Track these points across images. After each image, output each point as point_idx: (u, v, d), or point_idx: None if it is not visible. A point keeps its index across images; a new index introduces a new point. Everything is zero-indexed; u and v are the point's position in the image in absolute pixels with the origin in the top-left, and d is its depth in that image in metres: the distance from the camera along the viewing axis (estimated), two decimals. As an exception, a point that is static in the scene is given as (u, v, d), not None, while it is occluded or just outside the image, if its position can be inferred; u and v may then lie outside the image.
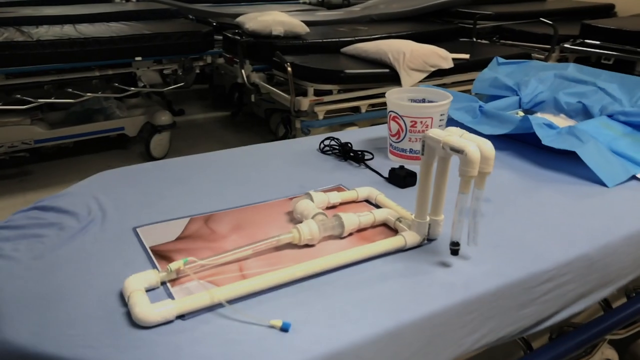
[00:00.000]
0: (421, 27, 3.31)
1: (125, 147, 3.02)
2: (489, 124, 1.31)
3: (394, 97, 1.18)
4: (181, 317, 0.68)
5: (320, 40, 2.89)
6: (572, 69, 1.51)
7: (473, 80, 2.83)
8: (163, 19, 3.21)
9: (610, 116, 1.26)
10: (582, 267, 0.86)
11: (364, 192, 1.00)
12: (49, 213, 0.93)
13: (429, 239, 0.87)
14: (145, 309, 0.66)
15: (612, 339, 1.07)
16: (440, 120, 1.15)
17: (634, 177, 1.10)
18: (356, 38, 2.95)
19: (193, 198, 1.00)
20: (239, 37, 2.83)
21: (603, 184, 1.07)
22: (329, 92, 2.50)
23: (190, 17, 3.45)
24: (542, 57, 3.02)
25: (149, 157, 2.89)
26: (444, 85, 2.74)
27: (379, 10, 3.68)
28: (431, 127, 1.14)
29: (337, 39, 2.92)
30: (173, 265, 0.74)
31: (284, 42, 2.80)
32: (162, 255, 0.82)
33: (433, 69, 2.61)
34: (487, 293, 0.76)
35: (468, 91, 2.89)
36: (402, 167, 1.10)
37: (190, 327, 0.66)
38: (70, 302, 0.71)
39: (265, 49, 2.81)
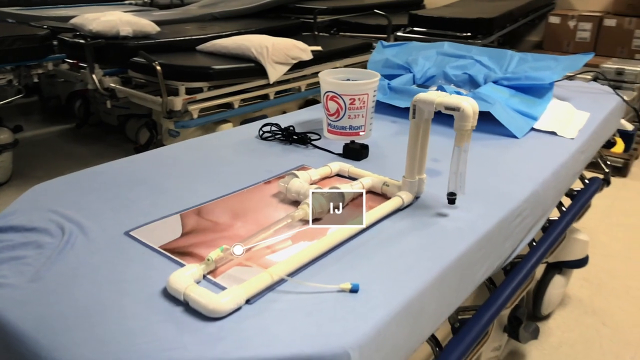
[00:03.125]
0: (267, 23, 3.39)
1: (-45, 175, 2.57)
2: (400, 98, 1.44)
3: (328, 78, 1.24)
4: (247, 302, 0.66)
5: (174, 39, 2.80)
6: (447, 47, 1.72)
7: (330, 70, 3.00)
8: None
9: (495, 82, 1.48)
10: (534, 202, 1.02)
11: (335, 167, 1.04)
12: (10, 234, 0.80)
13: (416, 197, 0.95)
14: (214, 299, 0.63)
15: (543, 262, 1.28)
16: (374, 96, 1.24)
17: (532, 129, 1.31)
18: (209, 35, 2.92)
19: (166, 196, 0.94)
20: (83, 40, 2.59)
21: (513, 136, 1.26)
22: (200, 90, 2.44)
23: (10, 20, 3.04)
24: (381, 45, 3.32)
25: (-11, 183, 2.50)
26: (304, 77, 2.87)
27: (219, 8, 3.66)
28: (367, 103, 1.23)
29: (191, 37, 2.86)
30: (213, 255, 0.70)
31: (134, 42, 2.65)
32: (179, 252, 0.76)
33: (295, 61, 2.71)
34: (487, 232, 0.86)
35: (326, 80, 3.03)
36: (353, 141, 1.16)
37: (263, 309, 0.65)
38: (115, 314, 0.63)
39: (115, 51, 2.63)
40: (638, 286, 1.88)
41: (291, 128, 1.24)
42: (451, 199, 0.89)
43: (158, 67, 2.26)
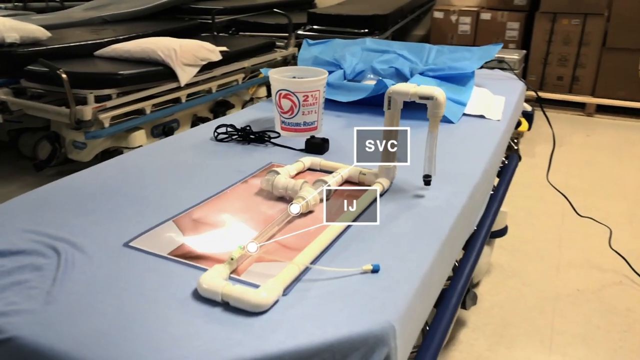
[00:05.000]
0: (163, 25, 3.28)
1: None
2: (340, 93, 1.51)
3: (279, 76, 1.26)
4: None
5: (68, 45, 2.62)
6: (369, 43, 1.82)
7: (238, 70, 3.00)
8: None
9: (421, 74, 1.59)
10: (485, 178, 1.13)
11: (307, 161, 1.08)
12: (-4, 259, 0.74)
13: (391, 182, 1.02)
14: (254, 295, 0.64)
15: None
16: (323, 92, 1.29)
17: (463, 114, 1.45)
18: (105, 40, 2.77)
19: (149, 205, 0.91)
20: (-36, 49, 2.34)
21: (449, 121, 1.38)
22: (109, 98, 2.31)
23: None
24: (283, 44, 3.38)
25: None
26: (214, 78, 2.83)
27: (110, 10, 3.48)
28: (319, 99, 1.27)
29: (86, 42, 2.70)
30: (235, 254, 0.71)
31: (24, 49, 2.45)
32: (190, 256, 0.76)
33: (204, 63, 2.67)
34: (464, 208, 0.95)
35: (236, 81, 3.04)
36: (313, 136, 1.20)
37: (299, 298, 0.67)
38: (155, 322, 0.62)
39: (2, 59, 2.41)
40: (544, 247, 2.12)
41: (248, 128, 1.24)
42: (427, 180, 0.97)
43: (64, 75, 2.11)
